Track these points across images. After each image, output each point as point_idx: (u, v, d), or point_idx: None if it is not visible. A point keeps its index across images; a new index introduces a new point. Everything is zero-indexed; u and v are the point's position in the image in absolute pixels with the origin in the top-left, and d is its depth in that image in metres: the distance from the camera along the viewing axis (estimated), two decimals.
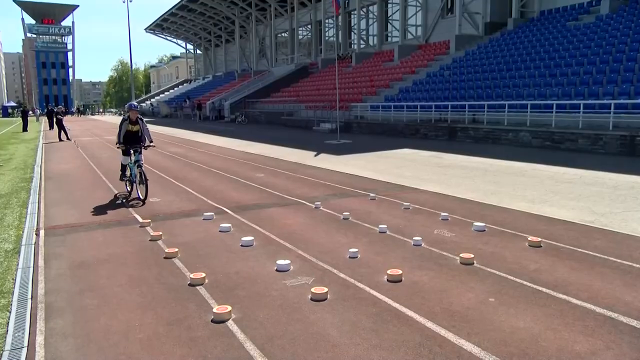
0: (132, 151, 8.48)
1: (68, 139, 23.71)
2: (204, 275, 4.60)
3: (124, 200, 8.44)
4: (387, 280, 4.50)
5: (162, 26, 69.14)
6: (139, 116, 8.78)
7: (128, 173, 8.85)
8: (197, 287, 4.43)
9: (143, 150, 8.66)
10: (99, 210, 7.85)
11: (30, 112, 55.49)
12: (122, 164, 8.93)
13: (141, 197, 8.33)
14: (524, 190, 8.81)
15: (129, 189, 8.98)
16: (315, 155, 15.07)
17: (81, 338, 3.52)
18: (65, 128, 24.41)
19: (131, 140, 8.63)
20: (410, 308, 3.90)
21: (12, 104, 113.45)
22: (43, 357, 3.29)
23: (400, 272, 4.59)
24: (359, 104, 26.80)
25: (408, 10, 35.53)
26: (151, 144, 8.79)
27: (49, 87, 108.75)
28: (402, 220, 6.76)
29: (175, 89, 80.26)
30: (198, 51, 79.32)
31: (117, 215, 7.47)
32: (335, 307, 3.96)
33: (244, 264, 5.06)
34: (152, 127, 40.60)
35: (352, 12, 41.30)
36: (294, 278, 4.63)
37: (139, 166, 8.40)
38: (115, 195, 9.00)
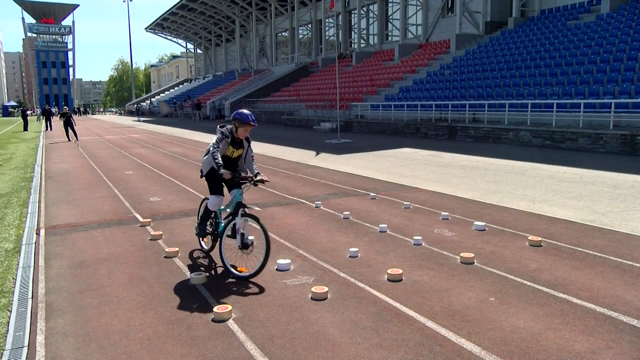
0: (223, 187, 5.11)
1: (68, 139, 23.62)
2: (204, 274, 4.60)
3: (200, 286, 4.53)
4: (388, 279, 4.50)
5: (162, 25, 69.15)
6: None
7: (210, 226, 5.29)
8: (198, 287, 4.43)
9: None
10: (99, 209, 7.85)
11: (29, 112, 55.33)
12: (207, 208, 5.14)
13: (249, 271, 4.63)
14: (524, 189, 8.81)
15: (205, 248, 5.44)
16: (316, 155, 15.06)
17: (82, 337, 3.53)
18: (68, 129, 24.32)
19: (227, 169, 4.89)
20: (410, 307, 3.90)
21: (13, 103, 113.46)
22: (43, 357, 3.29)
23: (401, 271, 4.60)
24: (360, 103, 26.79)
25: (408, 10, 35.51)
26: (262, 177, 4.89)
27: (49, 86, 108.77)
28: (403, 220, 6.75)
29: (176, 88, 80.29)
30: (198, 50, 79.32)
31: (118, 214, 7.47)
32: (335, 306, 3.96)
33: (244, 263, 5.06)
34: (152, 127, 40.32)
35: (353, 11, 41.28)
36: (294, 277, 4.63)
37: (244, 214, 4.75)
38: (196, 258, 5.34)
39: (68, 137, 23.67)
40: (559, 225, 6.30)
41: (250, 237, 4.85)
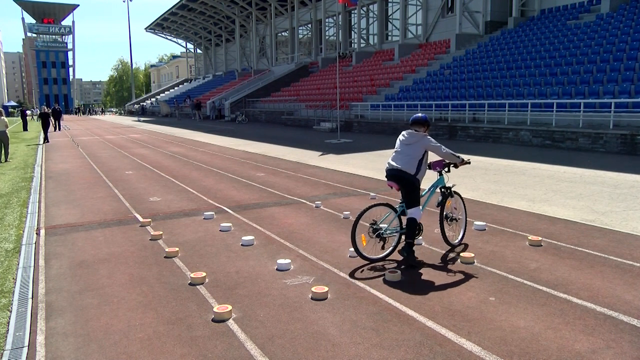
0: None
1: (47, 140, 22.59)
2: (204, 274, 4.60)
3: None
4: (388, 279, 4.50)
5: (162, 25, 69.14)
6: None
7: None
8: (198, 287, 4.43)
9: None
10: (99, 209, 7.85)
11: (28, 112, 55.00)
12: (417, 222, 4.99)
13: (457, 240, 5.50)
14: (524, 189, 8.81)
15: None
16: (316, 155, 15.06)
17: (82, 337, 3.53)
18: (48, 130, 23.56)
19: None
20: (410, 307, 3.90)
21: (13, 103, 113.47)
22: (44, 357, 3.29)
23: (400, 271, 4.60)
24: (360, 103, 26.79)
25: (408, 9, 35.50)
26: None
27: (49, 86, 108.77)
28: (403, 219, 6.74)
29: (176, 88, 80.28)
30: (198, 50, 79.32)
31: (118, 214, 7.47)
32: (335, 306, 3.96)
33: (244, 263, 5.06)
34: (152, 127, 40.18)
35: (353, 11, 41.29)
36: (294, 277, 4.63)
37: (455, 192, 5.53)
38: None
39: (46, 139, 22.64)
40: (559, 225, 6.30)
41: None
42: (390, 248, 5.10)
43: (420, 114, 5.24)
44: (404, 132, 5.16)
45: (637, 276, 4.47)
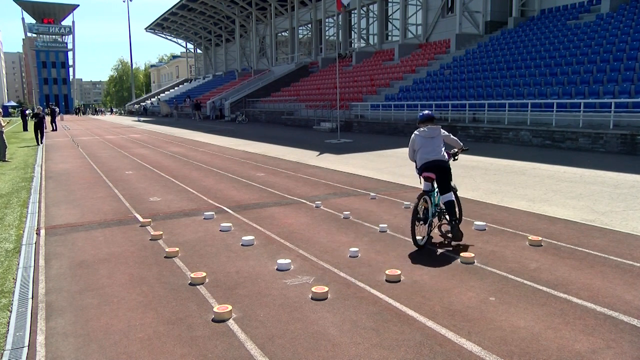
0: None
1: (40, 142, 22.01)
2: (204, 274, 4.60)
3: None
4: (387, 279, 4.50)
5: (162, 25, 69.15)
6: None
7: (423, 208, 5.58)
8: (198, 287, 4.43)
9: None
10: (99, 209, 7.85)
11: (28, 112, 54.99)
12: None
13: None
14: (525, 189, 8.81)
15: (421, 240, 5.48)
16: (316, 155, 15.06)
17: (82, 337, 3.53)
18: (44, 131, 22.89)
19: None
20: (410, 307, 3.90)
21: (13, 103, 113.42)
22: (44, 357, 3.29)
23: (400, 271, 4.60)
24: (360, 103, 26.79)
25: (408, 9, 35.50)
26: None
27: (49, 86, 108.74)
28: (403, 220, 6.75)
29: (176, 88, 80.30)
30: (198, 50, 79.33)
31: (118, 214, 7.47)
32: (335, 306, 3.96)
33: (244, 263, 5.06)
34: (152, 127, 40.16)
35: (353, 12, 41.28)
36: (294, 277, 4.63)
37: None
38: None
39: (38, 141, 21.90)
40: (559, 225, 6.30)
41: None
42: (428, 233, 5.66)
43: (427, 111, 5.95)
44: (422, 129, 5.76)
45: (637, 276, 4.47)
